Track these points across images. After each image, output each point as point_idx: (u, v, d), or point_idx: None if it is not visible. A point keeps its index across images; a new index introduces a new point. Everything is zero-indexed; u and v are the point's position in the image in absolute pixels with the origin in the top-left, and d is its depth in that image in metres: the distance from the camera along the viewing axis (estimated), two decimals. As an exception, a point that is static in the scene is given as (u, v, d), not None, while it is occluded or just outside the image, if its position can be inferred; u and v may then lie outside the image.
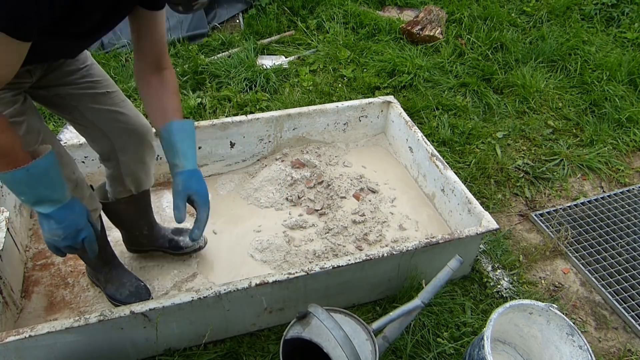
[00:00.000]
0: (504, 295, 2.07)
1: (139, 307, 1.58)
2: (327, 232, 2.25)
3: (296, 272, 1.72)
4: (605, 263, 2.27)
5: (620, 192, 2.67)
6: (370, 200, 2.42)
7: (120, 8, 1.30)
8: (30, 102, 1.45)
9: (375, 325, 1.55)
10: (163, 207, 2.34)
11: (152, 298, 1.92)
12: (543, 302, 1.71)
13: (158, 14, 1.43)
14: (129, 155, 1.69)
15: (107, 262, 1.88)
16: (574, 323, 1.96)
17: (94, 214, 1.65)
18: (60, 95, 1.53)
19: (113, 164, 1.70)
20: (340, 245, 2.18)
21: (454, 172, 2.26)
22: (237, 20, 3.99)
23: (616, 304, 2.09)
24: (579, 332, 1.62)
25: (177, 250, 2.06)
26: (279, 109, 2.89)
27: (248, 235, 2.24)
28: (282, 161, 2.58)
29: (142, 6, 1.37)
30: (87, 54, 1.60)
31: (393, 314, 1.56)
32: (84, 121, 1.59)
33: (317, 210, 2.36)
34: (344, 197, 2.44)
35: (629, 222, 2.48)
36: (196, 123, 2.36)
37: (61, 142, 1.85)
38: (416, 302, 1.56)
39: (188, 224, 2.09)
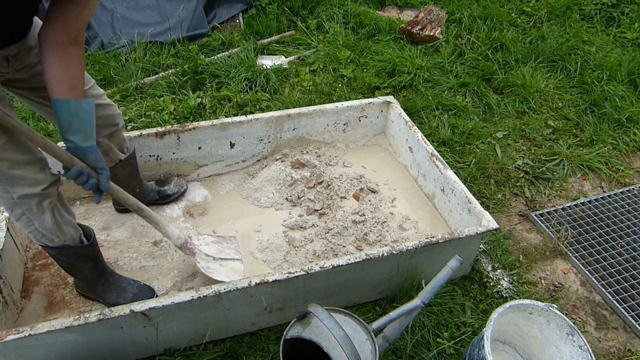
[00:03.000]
0: (504, 295, 2.07)
1: (138, 306, 1.58)
2: (327, 232, 2.25)
3: (296, 272, 1.72)
4: (605, 263, 2.27)
5: (620, 192, 2.67)
6: (370, 201, 2.42)
7: None
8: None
9: (375, 325, 1.55)
10: (163, 208, 2.34)
11: (157, 295, 1.92)
12: (543, 302, 1.71)
13: None
14: (105, 132, 1.89)
15: (103, 272, 1.87)
16: (574, 323, 1.97)
17: None
18: (35, 91, 1.59)
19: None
20: (340, 246, 2.18)
21: (454, 172, 2.26)
22: (237, 20, 4.00)
23: (616, 304, 2.09)
24: (579, 332, 1.62)
25: (166, 198, 2.31)
26: (279, 109, 2.89)
27: (248, 236, 2.24)
28: (282, 161, 2.58)
29: None
30: None
31: (393, 313, 1.56)
32: None
33: (317, 210, 2.36)
34: (344, 197, 2.44)
35: (629, 222, 2.48)
36: (196, 123, 2.37)
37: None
38: (416, 302, 1.56)
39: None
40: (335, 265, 1.75)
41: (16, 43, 1.42)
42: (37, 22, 1.53)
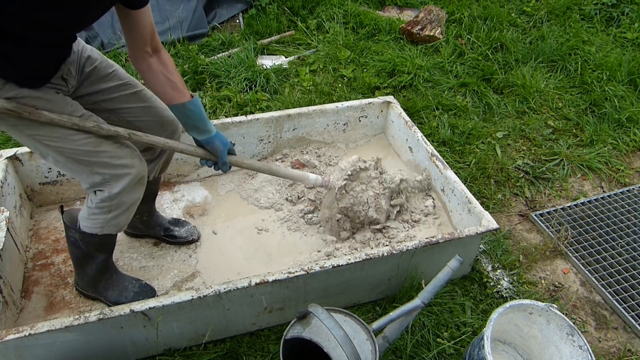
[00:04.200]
0: (504, 295, 2.07)
1: (138, 306, 1.58)
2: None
3: (296, 272, 1.72)
4: (605, 263, 2.27)
5: (620, 192, 2.67)
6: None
7: None
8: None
9: (375, 325, 1.55)
10: (163, 208, 2.34)
11: (157, 295, 1.92)
12: (543, 302, 1.71)
13: (144, 9, 1.52)
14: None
15: (108, 268, 1.87)
16: (574, 323, 1.97)
17: None
18: (97, 103, 1.69)
19: (151, 152, 1.88)
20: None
21: (454, 172, 2.26)
22: (237, 20, 4.00)
23: (616, 304, 2.09)
24: (579, 332, 1.62)
25: (171, 239, 2.15)
26: (279, 109, 2.89)
27: (248, 236, 2.24)
28: (282, 161, 2.58)
29: (124, 6, 1.49)
30: (110, 62, 1.73)
31: (393, 314, 1.56)
32: (121, 122, 1.73)
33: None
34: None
35: (629, 222, 2.48)
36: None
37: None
38: (416, 302, 1.56)
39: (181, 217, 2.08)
40: (335, 265, 1.75)
41: (64, 63, 1.55)
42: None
